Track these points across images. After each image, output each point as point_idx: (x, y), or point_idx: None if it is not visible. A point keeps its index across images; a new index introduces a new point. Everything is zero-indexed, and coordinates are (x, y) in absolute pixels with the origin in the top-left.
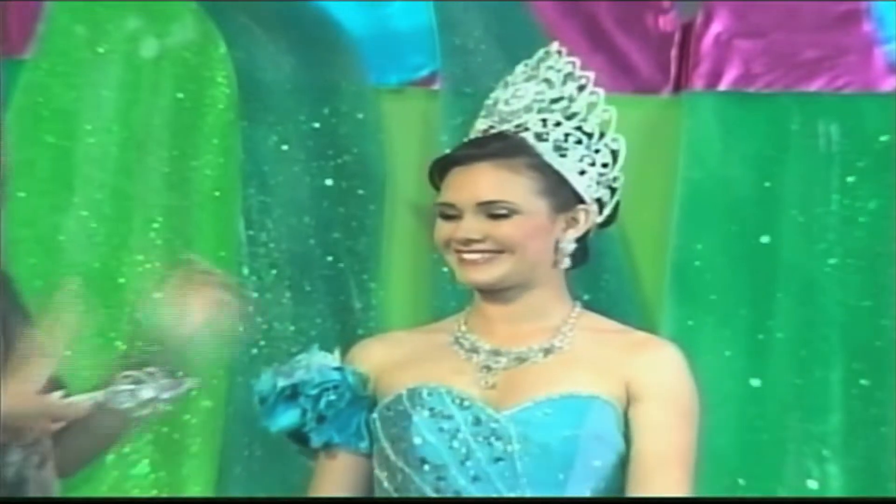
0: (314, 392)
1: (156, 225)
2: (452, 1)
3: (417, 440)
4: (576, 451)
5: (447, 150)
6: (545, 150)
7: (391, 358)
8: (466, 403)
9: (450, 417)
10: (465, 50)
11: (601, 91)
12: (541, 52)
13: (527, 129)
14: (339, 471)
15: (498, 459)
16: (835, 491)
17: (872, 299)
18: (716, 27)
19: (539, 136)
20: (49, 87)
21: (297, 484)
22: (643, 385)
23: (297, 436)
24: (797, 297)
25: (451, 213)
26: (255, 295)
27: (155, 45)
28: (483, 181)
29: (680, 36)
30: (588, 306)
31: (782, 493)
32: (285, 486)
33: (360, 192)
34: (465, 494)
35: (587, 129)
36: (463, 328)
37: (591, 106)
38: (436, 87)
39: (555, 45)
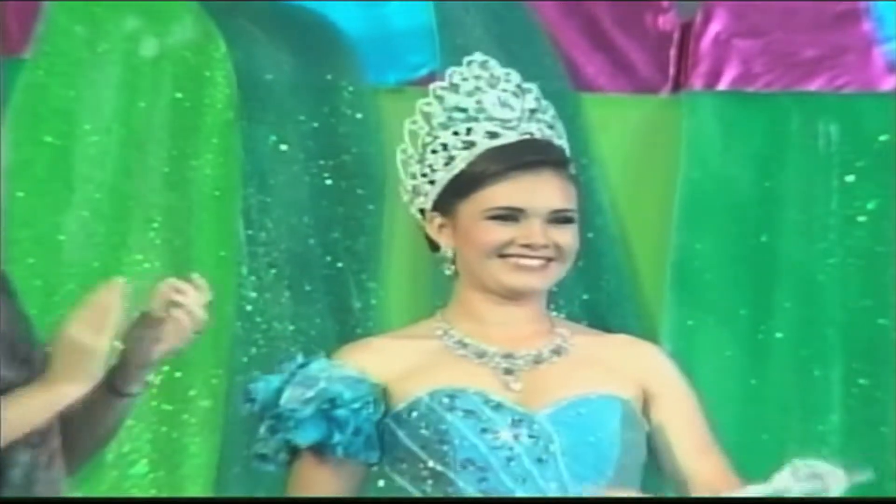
0: (357, 406)
1: (155, 224)
2: (452, 1)
3: (458, 441)
4: (610, 450)
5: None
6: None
7: (389, 366)
8: (505, 405)
9: (488, 419)
10: (465, 50)
11: (546, 101)
12: (466, 62)
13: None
14: (342, 478)
15: (539, 460)
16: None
17: (872, 299)
18: (715, 27)
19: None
20: (48, 87)
21: None
22: (658, 384)
23: (314, 448)
24: (797, 296)
25: (509, 217)
26: (255, 295)
27: (154, 44)
28: (554, 189)
29: (679, 35)
30: (588, 306)
31: None
32: (285, 486)
33: (360, 191)
34: (509, 495)
35: (564, 139)
36: (454, 332)
37: (553, 116)
38: None
39: (477, 55)
